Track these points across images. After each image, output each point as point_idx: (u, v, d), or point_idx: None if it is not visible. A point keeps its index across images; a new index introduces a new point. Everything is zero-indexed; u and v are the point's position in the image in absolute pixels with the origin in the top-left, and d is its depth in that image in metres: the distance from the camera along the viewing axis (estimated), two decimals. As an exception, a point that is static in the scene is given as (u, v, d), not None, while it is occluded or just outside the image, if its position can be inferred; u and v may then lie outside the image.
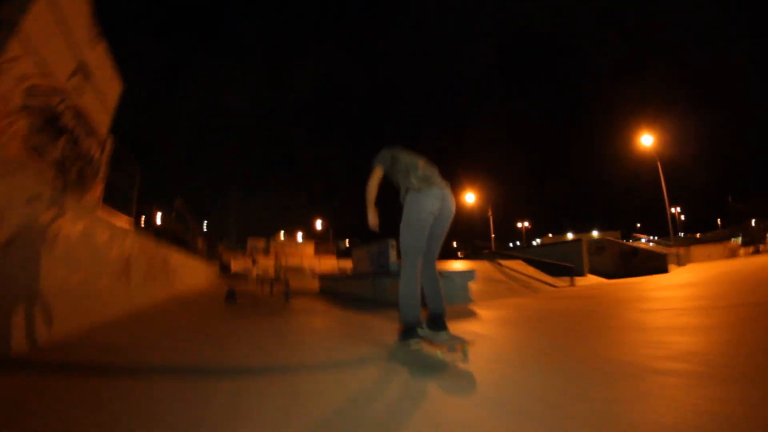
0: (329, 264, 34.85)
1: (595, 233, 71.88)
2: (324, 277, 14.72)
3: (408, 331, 2.63)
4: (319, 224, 45.98)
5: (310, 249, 43.31)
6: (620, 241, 20.43)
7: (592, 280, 12.49)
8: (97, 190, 7.29)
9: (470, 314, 4.84)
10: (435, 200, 2.72)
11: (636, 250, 16.99)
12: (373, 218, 2.98)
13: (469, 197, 26.86)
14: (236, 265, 33.47)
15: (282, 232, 46.26)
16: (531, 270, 11.51)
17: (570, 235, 76.22)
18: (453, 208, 2.86)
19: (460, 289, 6.68)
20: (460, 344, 2.52)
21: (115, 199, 11.13)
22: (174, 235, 13.41)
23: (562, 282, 10.57)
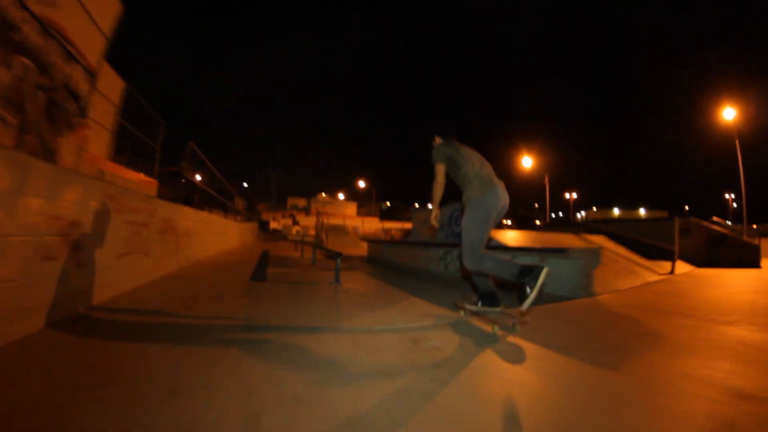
0: (373, 225, 33.57)
1: (642, 211, 67.65)
2: (372, 242, 12.99)
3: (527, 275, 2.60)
4: (361, 184, 44.28)
5: (352, 209, 42.24)
6: (707, 224, 17.13)
7: (684, 266, 10.10)
8: (82, 133, 5.82)
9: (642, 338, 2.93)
10: (497, 199, 2.92)
11: (725, 237, 14.14)
12: (435, 219, 3.34)
13: (527, 162, 23.81)
14: (276, 224, 33.13)
15: (323, 193, 45.17)
16: (621, 249, 9.28)
17: (616, 211, 71.23)
18: (507, 204, 3.04)
19: (581, 275, 4.74)
20: (511, 321, 2.91)
21: (141, 160, 9.88)
22: (201, 193, 12.16)
23: (660, 267, 8.36)
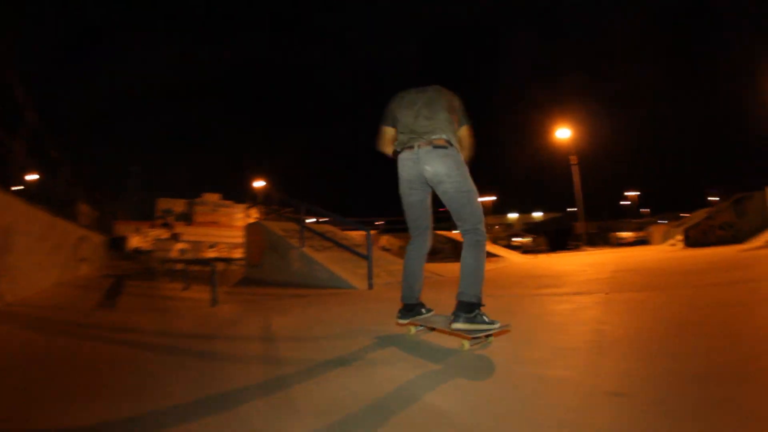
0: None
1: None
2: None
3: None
4: (259, 183, 34.74)
5: (252, 214, 32.22)
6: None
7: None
8: None
9: None
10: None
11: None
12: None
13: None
14: (141, 238, 22.12)
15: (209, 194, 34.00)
16: None
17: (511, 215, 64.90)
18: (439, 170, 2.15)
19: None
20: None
21: None
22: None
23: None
